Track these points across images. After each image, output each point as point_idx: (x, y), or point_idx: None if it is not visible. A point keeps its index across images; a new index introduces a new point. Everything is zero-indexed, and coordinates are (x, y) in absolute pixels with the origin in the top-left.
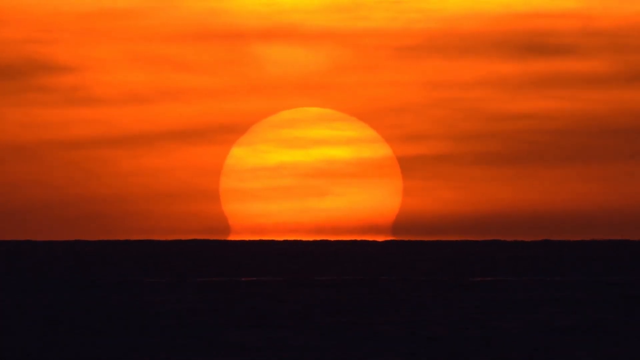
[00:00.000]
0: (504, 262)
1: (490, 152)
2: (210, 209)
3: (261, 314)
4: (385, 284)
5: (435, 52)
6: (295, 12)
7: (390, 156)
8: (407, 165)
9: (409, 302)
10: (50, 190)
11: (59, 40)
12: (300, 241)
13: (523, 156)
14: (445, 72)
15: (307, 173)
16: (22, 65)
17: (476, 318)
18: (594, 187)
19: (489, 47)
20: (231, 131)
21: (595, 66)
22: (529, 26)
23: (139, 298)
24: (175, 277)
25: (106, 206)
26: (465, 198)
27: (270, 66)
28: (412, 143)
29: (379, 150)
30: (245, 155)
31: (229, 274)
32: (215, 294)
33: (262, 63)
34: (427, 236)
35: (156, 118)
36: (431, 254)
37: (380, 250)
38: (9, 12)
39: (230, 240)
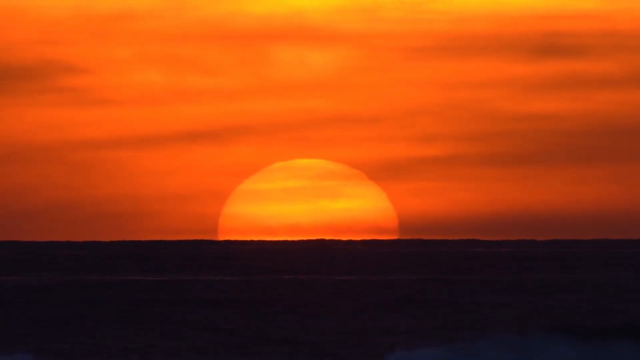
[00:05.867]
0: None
1: (504, 153)
2: (221, 210)
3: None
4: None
5: (449, 53)
6: (311, 13)
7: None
8: (420, 166)
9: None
10: (64, 191)
11: (74, 42)
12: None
13: (536, 157)
14: (458, 73)
15: (320, 174)
16: (38, 66)
17: None
18: (607, 188)
19: (502, 48)
20: (246, 132)
21: (609, 67)
22: (543, 27)
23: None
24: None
25: (120, 207)
26: (478, 199)
27: (285, 67)
28: (426, 144)
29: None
30: (258, 156)
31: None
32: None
33: (277, 64)
34: (438, 236)
35: (171, 119)
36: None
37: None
38: (25, 14)
39: (241, 241)
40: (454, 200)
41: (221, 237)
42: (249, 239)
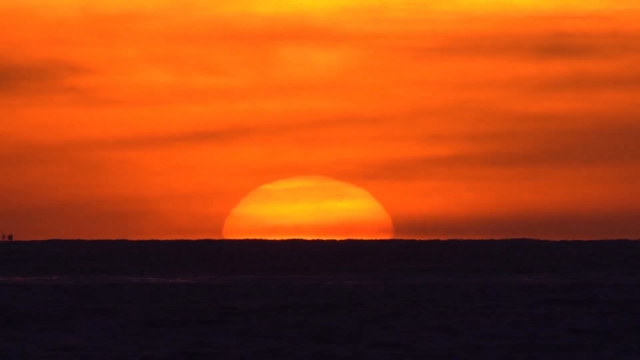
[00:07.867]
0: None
1: (511, 153)
2: (227, 210)
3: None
4: None
5: (455, 53)
6: (316, 13)
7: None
8: (426, 166)
9: None
10: (70, 191)
11: (81, 42)
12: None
13: (543, 157)
14: (464, 73)
15: (324, 175)
16: (44, 66)
17: None
18: (613, 188)
19: (508, 49)
20: (251, 132)
21: (616, 67)
22: (549, 27)
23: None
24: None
25: (125, 206)
26: (484, 199)
27: (291, 67)
28: (432, 144)
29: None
30: (262, 156)
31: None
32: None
33: (283, 64)
34: (442, 236)
35: (177, 119)
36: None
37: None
38: (31, 14)
39: (249, 240)
40: (460, 200)
41: (226, 237)
42: (252, 238)
